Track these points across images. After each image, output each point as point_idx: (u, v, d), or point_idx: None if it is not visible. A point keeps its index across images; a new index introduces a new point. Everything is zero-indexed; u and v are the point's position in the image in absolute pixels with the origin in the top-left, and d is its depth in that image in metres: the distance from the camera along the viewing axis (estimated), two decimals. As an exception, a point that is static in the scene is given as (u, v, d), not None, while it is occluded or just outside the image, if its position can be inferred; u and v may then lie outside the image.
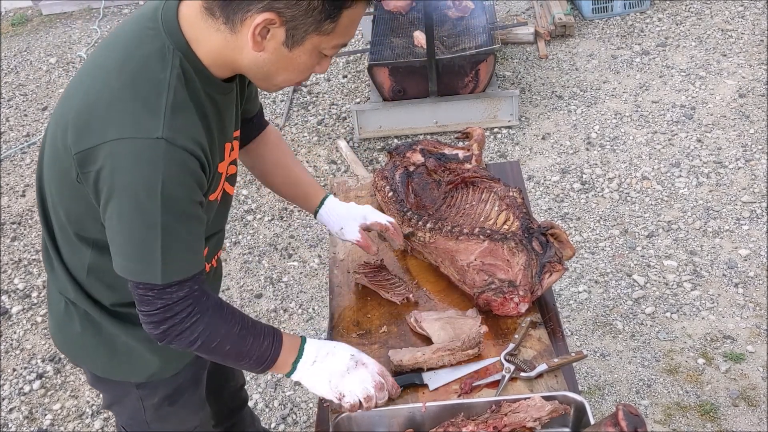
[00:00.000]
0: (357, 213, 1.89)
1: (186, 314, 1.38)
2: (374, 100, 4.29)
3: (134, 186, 1.27)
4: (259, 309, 3.32)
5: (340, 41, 1.34)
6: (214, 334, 1.42)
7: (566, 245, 1.88)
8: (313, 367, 1.53)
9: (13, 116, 4.95)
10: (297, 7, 1.25)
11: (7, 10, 6.33)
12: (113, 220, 1.32)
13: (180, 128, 1.29)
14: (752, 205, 3.50)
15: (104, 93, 1.31)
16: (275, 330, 1.52)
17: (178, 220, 1.32)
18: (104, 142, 1.27)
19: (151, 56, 1.31)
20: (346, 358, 1.55)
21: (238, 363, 1.50)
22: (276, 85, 1.42)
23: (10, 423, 2.98)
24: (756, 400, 2.67)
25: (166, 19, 1.34)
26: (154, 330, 1.39)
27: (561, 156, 3.96)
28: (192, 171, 1.32)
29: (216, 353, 1.45)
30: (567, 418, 1.53)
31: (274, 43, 1.30)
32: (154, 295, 1.35)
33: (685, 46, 4.70)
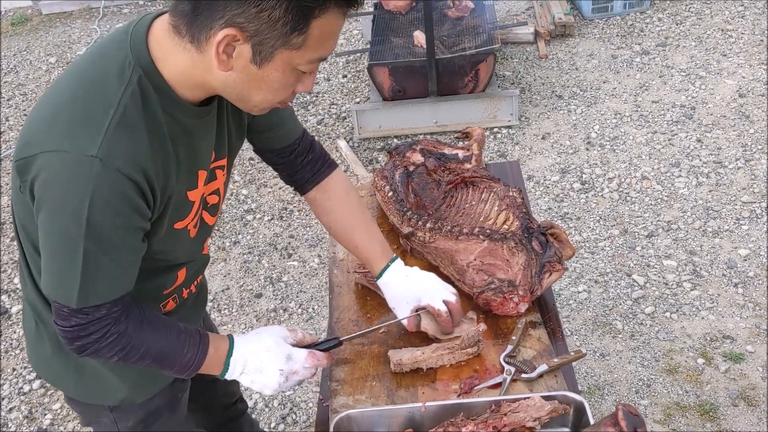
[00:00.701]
0: (412, 296, 1.72)
1: (101, 335, 1.32)
2: (374, 99, 4.29)
3: (60, 204, 1.21)
4: (259, 309, 3.32)
5: (315, 55, 1.24)
6: (132, 352, 1.37)
7: (566, 245, 1.88)
8: (242, 377, 1.52)
9: (13, 116, 4.95)
10: (258, 21, 1.16)
11: (6, 9, 6.33)
12: (41, 233, 1.27)
13: (120, 150, 1.21)
14: (752, 205, 3.50)
15: (53, 105, 1.26)
16: (201, 338, 1.46)
17: (101, 249, 1.24)
18: (41, 152, 1.21)
19: (109, 71, 1.25)
20: (275, 376, 1.52)
21: (163, 371, 1.46)
22: (255, 106, 1.33)
23: (9, 423, 2.98)
24: (755, 400, 2.67)
25: (135, 34, 1.27)
26: (68, 344, 1.34)
27: (561, 156, 3.96)
28: (124, 196, 1.23)
29: (138, 365, 1.42)
30: (567, 418, 1.53)
31: (241, 61, 1.22)
32: (68, 313, 1.30)
33: (685, 46, 4.70)
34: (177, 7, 1.23)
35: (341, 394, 1.66)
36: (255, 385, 1.53)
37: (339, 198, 1.75)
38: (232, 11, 1.16)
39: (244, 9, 1.15)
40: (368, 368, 1.72)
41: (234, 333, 1.64)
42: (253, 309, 3.33)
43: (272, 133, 1.62)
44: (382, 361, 1.72)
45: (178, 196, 1.36)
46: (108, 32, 5.72)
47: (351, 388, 1.67)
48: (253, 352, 1.51)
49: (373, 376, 1.69)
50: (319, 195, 1.74)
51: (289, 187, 1.80)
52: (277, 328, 1.59)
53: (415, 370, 1.68)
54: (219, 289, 3.45)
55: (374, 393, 1.65)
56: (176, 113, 1.30)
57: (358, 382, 1.68)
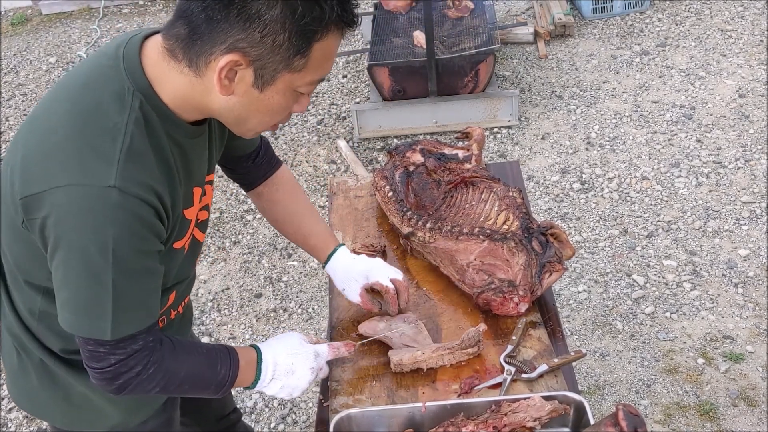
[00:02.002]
0: (359, 272, 1.76)
1: (142, 366, 1.30)
2: (374, 99, 4.29)
3: (83, 239, 1.19)
4: (259, 309, 3.32)
5: (316, 77, 1.25)
6: (172, 379, 1.36)
7: (566, 245, 1.88)
8: (272, 383, 1.52)
9: (12, 116, 4.95)
10: (262, 46, 1.17)
11: (6, 9, 6.33)
12: (59, 271, 1.23)
13: (134, 176, 1.20)
14: (752, 205, 3.50)
15: (53, 135, 1.22)
16: (229, 352, 1.46)
17: (130, 278, 1.23)
18: (51, 188, 1.18)
19: (107, 97, 1.22)
20: (307, 375, 1.54)
21: (198, 395, 1.46)
22: (251, 129, 1.33)
23: (9, 423, 2.98)
24: (755, 400, 2.67)
25: (127, 57, 1.25)
26: (108, 386, 1.31)
27: (561, 156, 3.96)
28: (146, 221, 1.23)
29: (174, 393, 1.41)
30: (567, 417, 1.54)
31: (243, 85, 1.22)
32: (106, 351, 1.27)
33: (685, 46, 4.70)
34: (171, 31, 1.22)
35: (341, 394, 1.66)
36: (284, 390, 1.53)
37: (287, 190, 1.80)
38: (234, 36, 1.16)
39: (248, 34, 1.16)
40: (368, 368, 1.72)
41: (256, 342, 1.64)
42: (253, 309, 3.33)
43: (241, 140, 1.62)
44: (382, 361, 1.72)
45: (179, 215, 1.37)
46: (107, 32, 5.72)
47: (351, 388, 1.67)
48: (283, 354, 1.53)
49: (373, 376, 1.69)
50: (267, 189, 1.78)
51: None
52: (293, 332, 1.62)
53: (415, 370, 1.68)
54: (219, 289, 3.45)
55: (374, 393, 1.65)
56: (176, 134, 1.30)
57: (358, 382, 1.68)
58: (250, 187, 1.80)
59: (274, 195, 1.79)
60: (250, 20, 1.15)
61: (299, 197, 1.82)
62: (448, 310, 1.85)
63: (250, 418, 2.87)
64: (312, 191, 3.92)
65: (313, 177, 4.02)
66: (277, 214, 1.82)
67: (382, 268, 1.77)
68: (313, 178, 4.01)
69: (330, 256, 1.79)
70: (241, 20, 1.15)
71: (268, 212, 1.83)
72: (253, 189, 1.80)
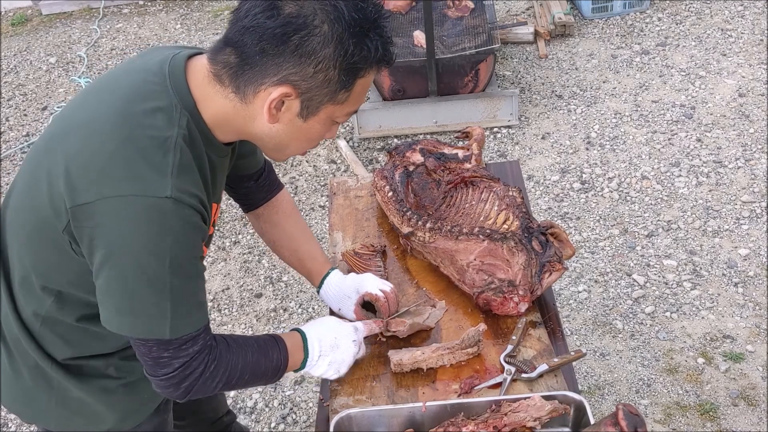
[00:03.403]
0: (350, 288, 1.80)
1: (204, 366, 1.36)
2: (374, 99, 4.29)
3: (140, 247, 1.23)
4: (259, 309, 3.32)
5: (353, 108, 1.35)
6: (233, 373, 1.42)
7: (566, 245, 1.88)
8: (320, 361, 1.58)
9: (12, 116, 4.95)
10: (313, 80, 1.25)
11: (6, 9, 6.33)
12: (116, 281, 1.26)
13: (186, 188, 1.26)
14: (752, 204, 3.50)
15: (104, 146, 1.25)
16: (276, 338, 1.52)
17: (186, 281, 1.30)
18: (103, 198, 1.22)
19: (156, 113, 1.27)
20: (351, 348, 1.61)
21: (256, 384, 1.51)
22: (287, 155, 1.42)
23: (10, 423, 2.98)
24: (756, 399, 2.67)
25: (173, 76, 1.31)
26: (175, 391, 1.36)
27: (561, 155, 3.96)
28: (199, 227, 1.30)
29: (236, 387, 1.47)
30: (567, 417, 1.54)
31: (288, 114, 1.30)
32: (171, 355, 1.32)
33: (685, 45, 4.70)
34: (218, 57, 1.29)
35: (341, 394, 1.66)
36: (332, 367, 1.60)
37: (286, 213, 1.85)
38: (288, 70, 1.24)
39: (301, 69, 1.24)
40: (368, 368, 1.72)
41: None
42: (253, 309, 3.33)
43: (247, 159, 1.68)
44: (382, 361, 1.72)
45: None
46: (107, 32, 5.71)
47: (351, 388, 1.67)
48: (325, 331, 1.60)
49: (373, 376, 1.69)
50: (267, 210, 1.83)
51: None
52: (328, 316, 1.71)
53: (416, 370, 1.68)
54: (219, 289, 3.45)
55: (374, 393, 1.65)
56: (211, 152, 1.37)
57: (359, 382, 1.68)
58: (250, 208, 1.84)
59: (273, 217, 1.83)
60: (305, 56, 1.23)
61: (297, 221, 1.87)
62: (448, 310, 1.85)
63: (250, 418, 2.87)
64: (312, 191, 3.92)
65: (313, 177, 4.02)
66: (275, 236, 1.85)
67: (372, 280, 1.81)
68: (313, 178, 4.01)
69: (322, 282, 1.84)
70: (297, 55, 1.23)
71: (266, 234, 1.86)
72: (253, 210, 1.83)
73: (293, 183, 3.97)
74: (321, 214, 3.74)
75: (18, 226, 1.38)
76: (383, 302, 1.77)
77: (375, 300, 1.77)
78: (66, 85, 5.19)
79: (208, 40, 5.41)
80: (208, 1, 5.95)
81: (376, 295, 1.77)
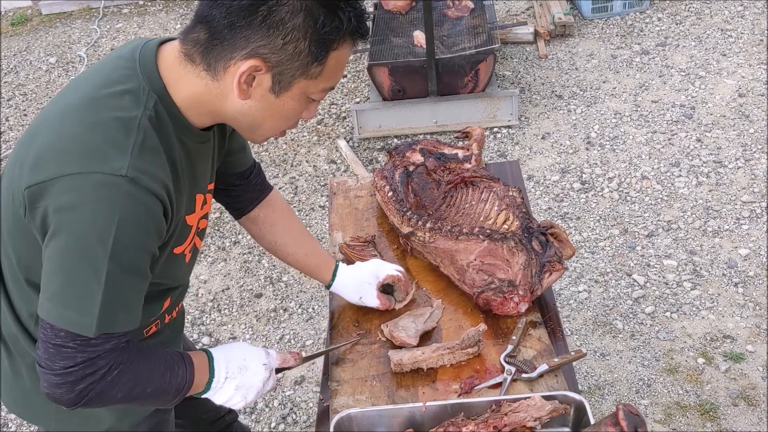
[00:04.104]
0: (369, 274, 1.81)
1: (108, 368, 1.25)
2: (374, 99, 4.29)
3: (85, 225, 1.17)
4: (259, 309, 3.32)
5: (328, 84, 1.30)
6: (137, 383, 1.31)
7: (566, 245, 1.88)
8: (226, 384, 1.49)
9: (13, 116, 4.95)
10: (283, 52, 1.21)
11: (6, 9, 6.33)
12: (53, 259, 1.20)
13: (146, 169, 1.21)
14: (752, 204, 3.50)
15: (68, 129, 1.23)
16: (183, 355, 1.44)
17: (125, 272, 1.22)
18: (60, 176, 1.18)
19: (123, 96, 1.25)
20: (261, 371, 1.52)
21: (154, 402, 1.41)
22: (262, 135, 1.37)
23: (10, 423, 2.98)
24: (756, 399, 2.67)
25: (144, 60, 1.29)
26: (67, 392, 1.24)
27: (561, 156, 3.96)
28: (153, 215, 1.23)
29: (135, 401, 1.34)
30: (567, 417, 1.54)
31: (260, 90, 1.26)
32: (75, 348, 1.22)
33: (685, 45, 4.70)
34: (189, 36, 1.26)
35: (341, 394, 1.66)
36: (239, 392, 1.51)
37: (283, 212, 1.83)
38: (257, 42, 1.21)
39: (271, 41, 1.21)
40: (368, 368, 1.72)
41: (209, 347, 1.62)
42: (253, 309, 3.33)
43: (236, 156, 1.66)
44: (382, 361, 1.72)
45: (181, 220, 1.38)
46: (107, 32, 5.71)
47: (351, 388, 1.67)
48: (233, 353, 1.53)
49: (373, 376, 1.69)
50: (263, 211, 1.80)
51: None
52: (240, 341, 1.62)
53: (416, 370, 1.68)
54: (219, 289, 3.45)
55: (374, 393, 1.65)
56: (184, 137, 1.33)
57: (359, 382, 1.68)
58: (242, 213, 1.80)
59: (271, 216, 1.81)
60: (273, 27, 1.20)
61: (294, 218, 1.86)
62: (448, 310, 1.85)
63: (250, 418, 2.87)
64: (312, 191, 3.92)
65: (313, 177, 4.02)
66: (276, 236, 1.82)
67: (385, 263, 1.86)
68: (313, 178, 4.01)
69: (334, 275, 1.83)
70: (265, 27, 1.20)
71: (267, 235, 1.83)
72: (247, 214, 1.80)
73: (293, 183, 3.97)
74: (321, 214, 3.74)
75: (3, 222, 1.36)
76: (404, 281, 1.85)
77: (397, 280, 1.84)
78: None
79: (208, 40, 5.41)
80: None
81: (397, 275, 1.83)
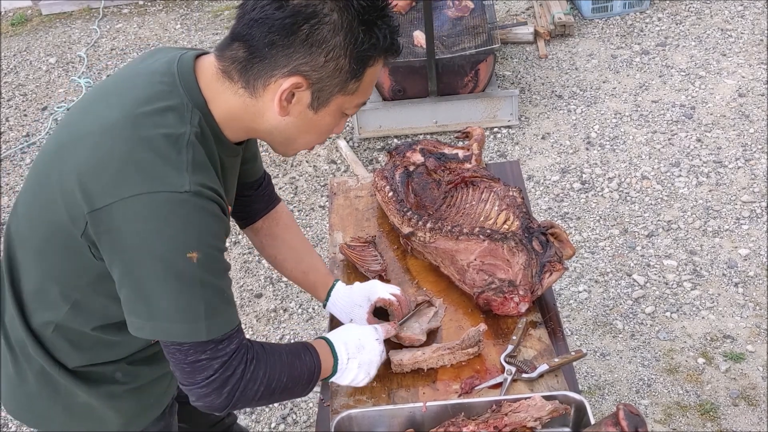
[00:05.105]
0: (361, 296, 1.79)
1: (245, 365, 1.31)
2: (374, 99, 4.29)
3: (165, 245, 1.20)
4: (259, 309, 3.32)
5: (362, 99, 1.33)
6: (272, 375, 1.36)
7: (566, 245, 1.88)
8: (350, 363, 1.53)
9: (13, 116, 4.94)
10: (324, 69, 1.24)
11: (6, 10, 6.32)
12: (142, 283, 1.22)
13: (204, 182, 1.24)
14: (752, 204, 3.50)
15: (116, 149, 1.22)
16: (304, 343, 1.48)
17: (215, 276, 1.26)
18: (121, 199, 1.19)
19: (167, 112, 1.25)
20: (376, 347, 1.57)
21: (293, 392, 1.44)
22: (295, 149, 1.40)
23: (10, 423, 2.98)
24: (756, 399, 2.67)
25: (183, 75, 1.29)
26: (217, 398, 1.30)
27: (561, 156, 3.96)
28: (220, 220, 1.28)
29: (275, 393, 1.38)
30: (567, 417, 1.54)
31: (299, 106, 1.28)
32: (210, 356, 1.27)
33: (685, 45, 4.70)
34: (226, 53, 1.28)
35: (342, 394, 1.66)
36: (362, 369, 1.54)
37: (287, 225, 1.83)
38: (298, 60, 1.23)
39: (312, 58, 1.23)
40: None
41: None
42: (253, 309, 3.33)
43: (248, 165, 1.66)
44: (382, 361, 1.72)
45: None
46: (107, 32, 5.71)
47: (352, 388, 1.67)
48: (348, 334, 1.56)
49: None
50: (266, 223, 1.80)
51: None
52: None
53: (416, 370, 1.68)
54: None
55: (375, 393, 1.65)
56: (222, 152, 1.35)
57: (359, 382, 1.68)
58: (248, 222, 1.81)
59: (273, 229, 1.81)
60: (316, 45, 1.22)
61: (298, 233, 1.85)
62: (448, 310, 1.85)
63: (251, 418, 2.87)
64: (312, 191, 3.92)
65: (313, 177, 4.02)
66: (277, 250, 1.82)
67: (381, 286, 1.80)
68: (313, 178, 4.01)
69: (329, 294, 1.81)
70: (307, 45, 1.22)
71: (267, 248, 1.83)
72: (252, 224, 1.81)
73: (293, 183, 3.97)
74: (321, 214, 3.74)
75: (29, 236, 1.36)
76: (397, 306, 1.76)
77: (389, 305, 1.76)
78: (66, 85, 5.18)
79: (208, 40, 5.41)
80: (208, 1, 5.95)
81: (389, 299, 1.76)
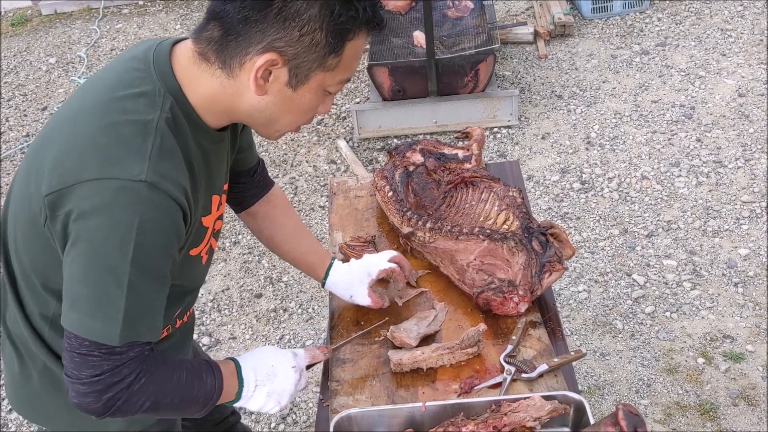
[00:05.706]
0: (360, 272, 1.78)
1: (134, 376, 1.23)
2: (374, 99, 4.29)
3: (105, 232, 1.16)
4: (259, 309, 3.32)
5: (344, 76, 1.29)
6: (163, 391, 1.28)
7: (566, 245, 1.88)
8: (257, 391, 1.46)
9: (12, 116, 4.95)
10: (299, 44, 1.20)
11: (6, 10, 6.33)
12: (74, 267, 1.19)
13: (165, 173, 1.19)
14: (752, 204, 3.50)
15: (84, 134, 1.21)
16: (210, 363, 1.41)
17: (147, 278, 1.20)
18: (79, 182, 1.17)
19: (138, 98, 1.23)
20: (291, 375, 1.49)
21: (182, 413, 1.38)
22: (278, 130, 1.35)
23: (10, 423, 2.98)
24: (756, 399, 2.67)
25: (158, 61, 1.27)
26: (94, 401, 1.23)
27: (561, 156, 3.96)
28: (173, 220, 1.22)
29: (163, 409, 1.31)
30: (567, 417, 1.54)
31: (277, 84, 1.24)
32: (100, 356, 1.20)
33: (685, 45, 4.70)
34: (202, 34, 1.25)
35: (341, 394, 1.66)
36: (271, 398, 1.48)
37: (283, 207, 1.82)
38: (272, 36, 1.19)
39: (286, 33, 1.19)
40: (368, 368, 1.72)
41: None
42: (253, 309, 3.33)
43: (244, 154, 1.64)
44: (382, 361, 1.72)
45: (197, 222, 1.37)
46: (107, 32, 5.71)
47: (351, 388, 1.67)
48: (260, 359, 1.50)
49: (373, 376, 1.69)
50: (262, 207, 1.79)
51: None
52: (265, 345, 1.60)
53: (415, 370, 1.68)
54: (219, 289, 3.45)
55: (374, 393, 1.65)
56: (200, 138, 1.31)
57: (358, 382, 1.68)
58: (243, 207, 1.80)
59: (270, 213, 1.80)
60: (289, 19, 1.18)
61: (294, 215, 1.85)
62: (448, 309, 1.85)
63: (251, 418, 2.87)
64: (312, 191, 3.92)
65: (313, 177, 4.02)
66: (274, 232, 1.81)
67: (377, 257, 1.81)
68: (313, 178, 4.01)
69: (327, 272, 1.81)
70: (280, 19, 1.18)
71: (265, 231, 1.82)
72: (248, 209, 1.80)
73: (293, 183, 3.97)
74: (321, 214, 3.74)
75: (16, 227, 1.35)
76: (399, 271, 1.80)
77: (391, 272, 1.79)
78: (66, 85, 5.19)
79: (208, 40, 5.41)
80: (208, 1, 5.95)
81: (390, 268, 1.79)
